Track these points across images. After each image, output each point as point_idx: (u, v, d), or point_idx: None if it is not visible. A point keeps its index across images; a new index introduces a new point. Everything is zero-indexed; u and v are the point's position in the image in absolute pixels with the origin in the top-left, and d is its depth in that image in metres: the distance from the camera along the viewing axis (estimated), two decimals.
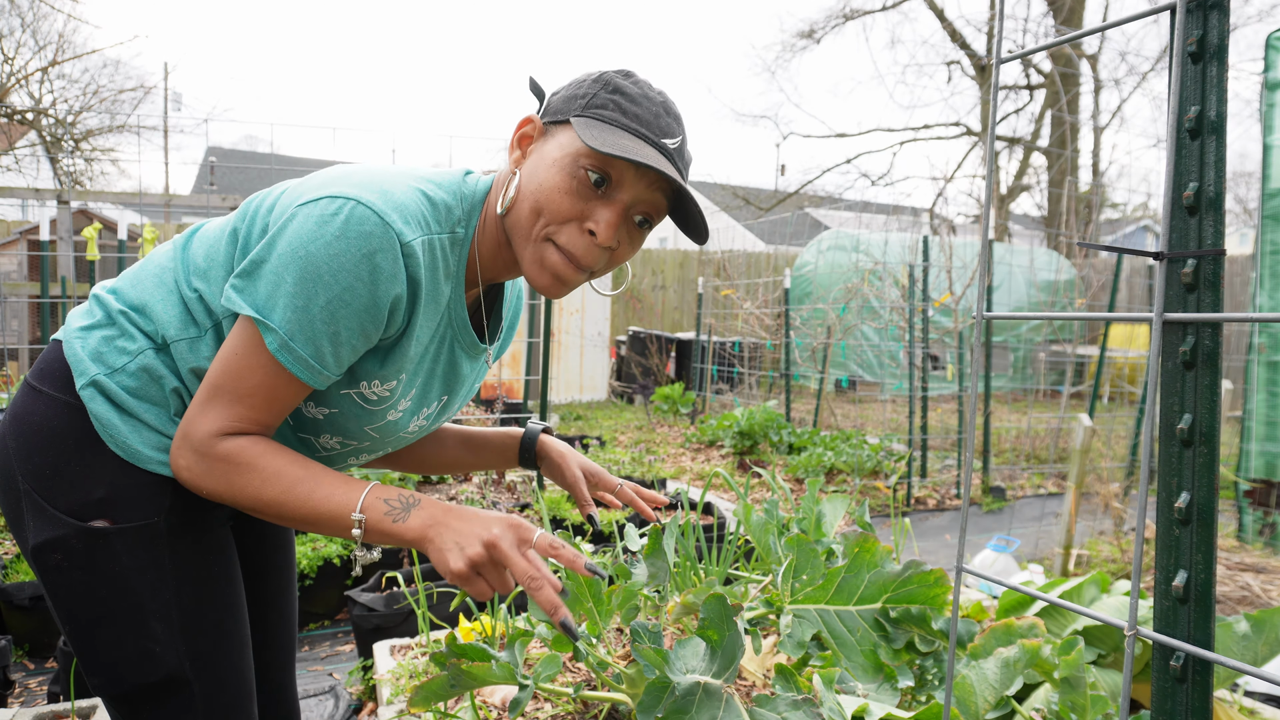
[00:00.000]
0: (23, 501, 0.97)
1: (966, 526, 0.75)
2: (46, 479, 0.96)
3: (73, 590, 0.96)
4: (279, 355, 0.89)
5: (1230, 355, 7.70)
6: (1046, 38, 14.86)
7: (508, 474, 4.48)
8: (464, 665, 1.27)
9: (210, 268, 0.99)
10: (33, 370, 1.01)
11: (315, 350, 0.90)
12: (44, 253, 4.85)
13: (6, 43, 11.91)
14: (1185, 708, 0.63)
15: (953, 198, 18.97)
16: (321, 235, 0.88)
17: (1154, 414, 0.62)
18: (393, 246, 0.90)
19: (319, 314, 0.89)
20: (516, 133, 1.02)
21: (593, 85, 0.98)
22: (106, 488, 0.96)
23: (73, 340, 0.98)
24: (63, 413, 0.96)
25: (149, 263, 1.04)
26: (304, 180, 0.98)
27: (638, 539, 1.87)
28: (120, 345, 0.97)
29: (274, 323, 0.88)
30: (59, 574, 0.96)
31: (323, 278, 0.88)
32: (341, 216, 0.88)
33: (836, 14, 16.83)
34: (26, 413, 0.98)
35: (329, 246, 0.88)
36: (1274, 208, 3.93)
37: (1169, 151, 0.62)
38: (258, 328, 0.89)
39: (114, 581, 0.96)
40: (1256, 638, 1.52)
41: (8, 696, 2.29)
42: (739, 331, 8.98)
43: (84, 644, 0.98)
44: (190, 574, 1.01)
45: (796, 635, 1.40)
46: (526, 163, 1.00)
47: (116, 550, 0.96)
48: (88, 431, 0.96)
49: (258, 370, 0.91)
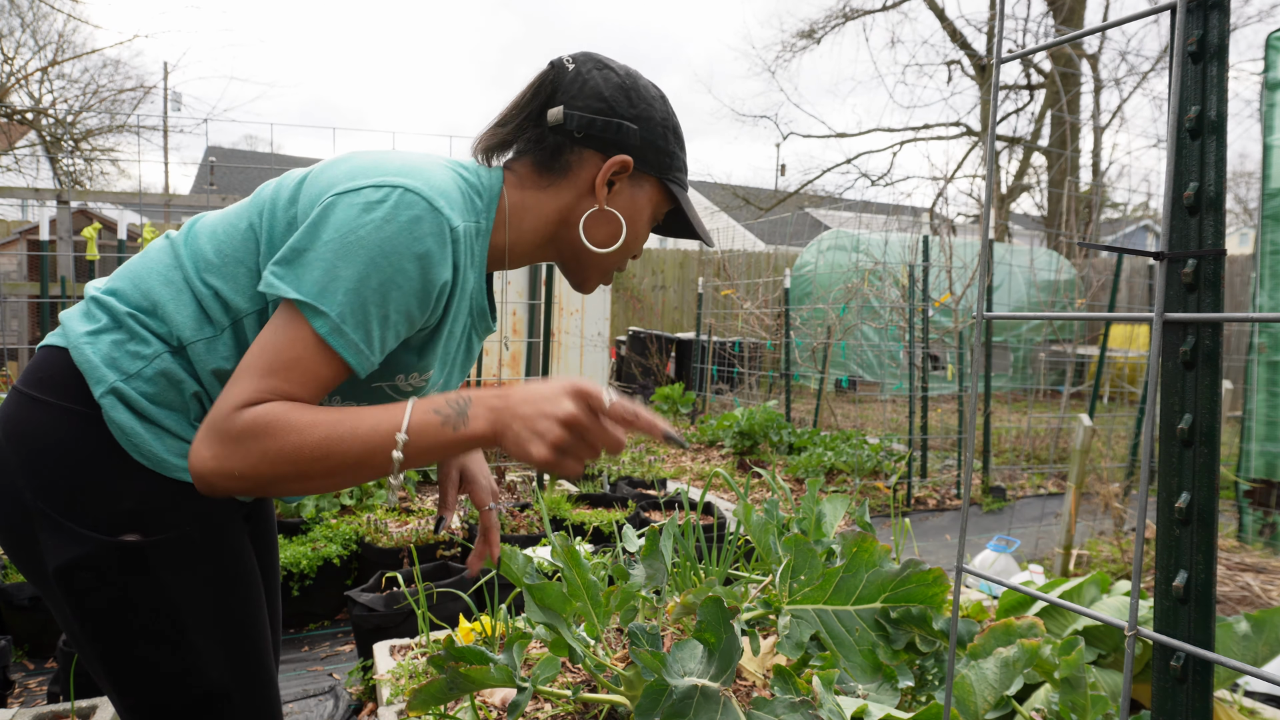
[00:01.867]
0: (34, 522, 0.90)
1: (966, 526, 0.75)
2: (64, 495, 0.89)
3: (106, 611, 0.91)
4: (330, 339, 0.86)
5: (1230, 355, 7.70)
6: (1046, 38, 14.86)
7: (508, 474, 4.48)
8: (462, 668, 1.27)
9: (225, 263, 0.95)
10: (27, 378, 0.94)
11: (365, 334, 0.88)
12: (44, 253, 4.84)
13: (6, 43, 11.91)
14: (1185, 708, 0.63)
15: (953, 198, 18.96)
16: (370, 220, 0.86)
17: (1154, 414, 0.62)
18: (442, 231, 0.90)
19: (371, 297, 0.87)
20: (609, 171, 1.04)
21: (669, 136, 1.08)
22: (134, 499, 0.91)
23: (82, 346, 0.91)
24: (76, 423, 0.90)
25: (145, 262, 0.99)
26: (326, 168, 0.96)
27: (635, 540, 1.87)
28: (133, 349, 0.92)
29: (325, 307, 0.85)
30: (89, 596, 0.90)
31: (375, 261, 0.86)
32: (390, 202, 0.87)
33: (836, 14, 16.83)
34: (31, 425, 0.91)
35: (379, 230, 0.86)
36: (1274, 208, 3.92)
37: (1169, 151, 0.62)
38: (303, 312, 0.86)
39: (152, 598, 0.92)
40: (1257, 638, 1.52)
41: (8, 696, 2.29)
42: (739, 331, 8.98)
43: (119, 666, 0.93)
44: (224, 581, 0.98)
45: (795, 636, 1.40)
46: (616, 202, 1.07)
47: (152, 565, 0.91)
48: (106, 441, 0.90)
49: (298, 350, 0.86)
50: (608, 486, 4.50)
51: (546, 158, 1.05)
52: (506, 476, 4.43)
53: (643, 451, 5.79)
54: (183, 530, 0.93)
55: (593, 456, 0.86)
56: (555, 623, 1.44)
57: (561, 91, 1.04)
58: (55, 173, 12.77)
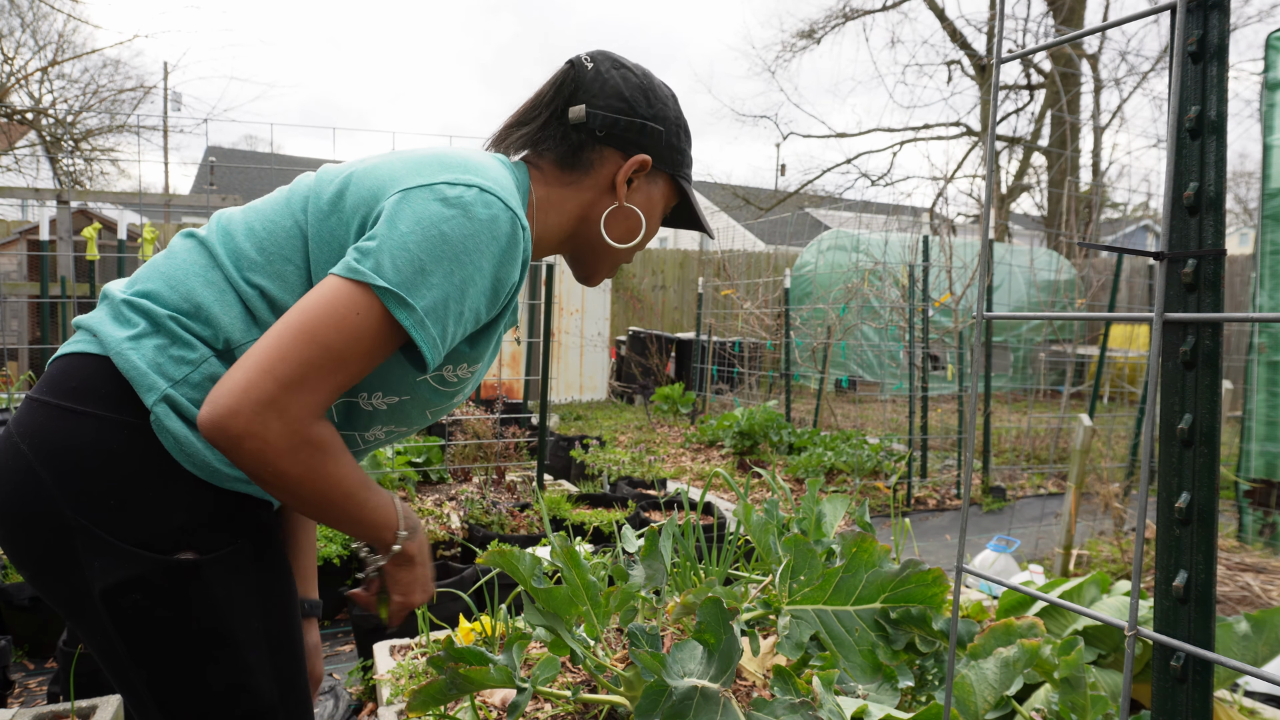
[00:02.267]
0: (76, 539, 0.85)
1: (966, 526, 0.75)
2: (109, 510, 0.85)
3: (158, 631, 0.87)
4: (414, 332, 0.85)
5: (1230, 355, 7.70)
6: (1046, 38, 14.86)
7: (507, 474, 4.48)
8: (461, 669, 1.27)
9: (270, 261, 0.92)
10: (54, 390, 0.89)
11: (443, 330, 0.88)
12: (44, 253, 4.85)
13: (6, 43, 11.91)
14: (1185, 708, 0.63)
15: (953, 198, 18.97)
16: (450, 216, 0.87)
17: (1154, 414, 0.62)
18: (516, 230, 0.91)
19: (453, 293, 0.87)
20: (630, 170, 1.08)
21: (682, 134, 1.13)
22: (185, 513, 0.87)
23: (126, 352, 0.86)
24: (121, 434, 0.86)
25: (175, 264, 0.94)
26: (373, 168, 0.95)
27: (635, 540, 1.87)
28: (177, 354, 0.88)
29: (413, 299, 0.84)
30: (139, 616, 0.86)
31: (459, 258, 0.86)
32: (467, 199, 0.88)
33: (836, 14, 16.83)
34: (68, 439, 0.85)
35: (461, 227, 0.86)
36: (1274, 208, 3.92)
37: (1169, 151, 0.62)
38: (384, 300, 0.84)
39: (207, 616, 0.88)
40: (1256, 638, 1.52)
41: (8, 696, 2.29)
42: (739, 331, 8.98)
43: (169, 687, 0.90)
44: (273, 593, 0.96)
45: (794, 636, 1.40)
46: (635, 198, 1.11)
47: (208, 582, 0.88)
48: (154, 452, 0.86)
49: (372, 342, 0.84)
50: (608, 486, 4.49)
51: (569, 155, 1.06)
52: (506, 476, 4.43)
53: (643, 451, 5.79)
54: (236, 543, 0.91)
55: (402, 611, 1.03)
56: (556, 625, 1.44)
57: (583, 90, 1.05)
58: (55, 173, 12.78)
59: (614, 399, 9.82)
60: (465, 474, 4.64)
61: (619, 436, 6.98)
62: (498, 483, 4.28)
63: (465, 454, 4.67)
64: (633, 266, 12.84)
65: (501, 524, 3.47)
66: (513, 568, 1.46)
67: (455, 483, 4.56)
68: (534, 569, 1.46)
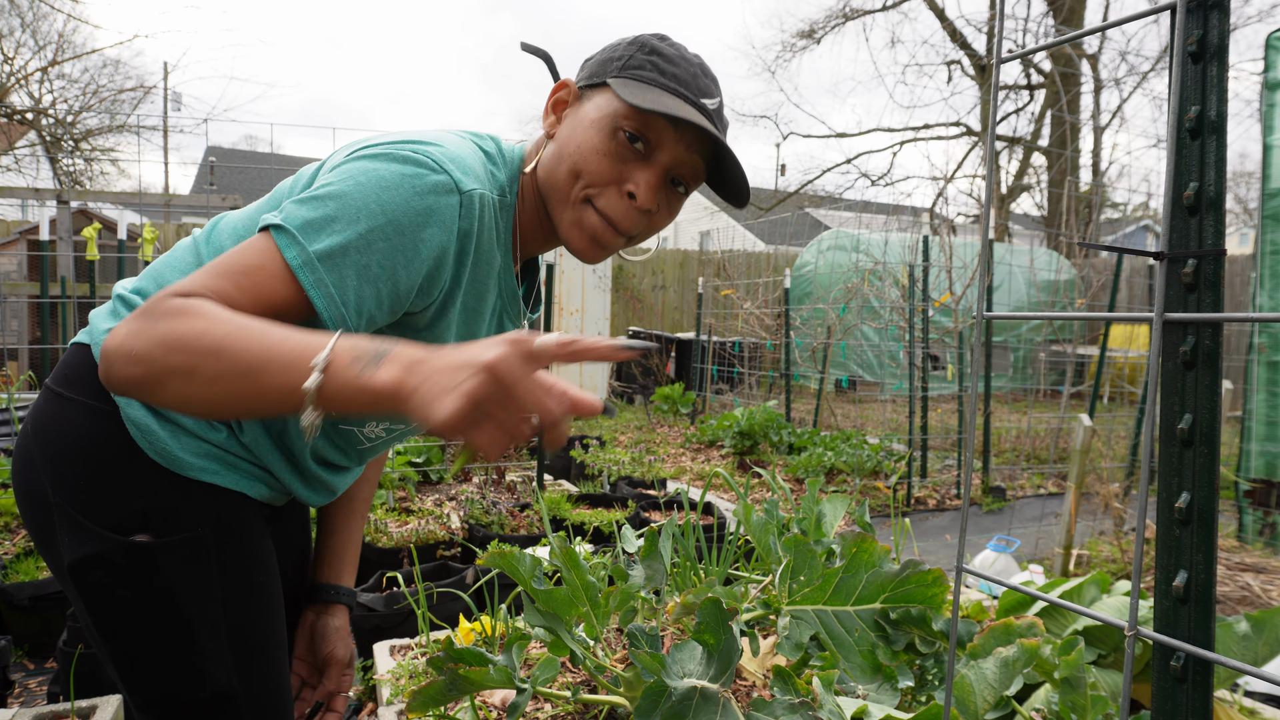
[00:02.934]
0: (55, 516, 0.91)
1: (966, 526, 0.75)
2: (81, 491, 0.90)
3: (115, 608, 0.91)
4: (300, 273, 0.79)
5: (1230, 355, 7.70)
6: (1046, 38, 14.86)
7: (507, 474, 4.48)
8: (461, 669, 1.27)
9: None
10: (55, 376, 0.95)
11: (339, 279, 0.81)
12: (44, 253, 4.85)
13: (6, 43, 11.92)
14: (1185, 708, 0.63)
15: (953, 198, 18.97)
16: (371, 169, 0.83)
17: (1154, 414, 0.62)
18: (449, 190, 0.85)
19: (355, 242, 0.81)
20: (552, 98, 0.99)
21: (628, 47, 0.97)
22: (147, 498, 0.90)
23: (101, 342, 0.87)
24: (95, 420, 0.90)
25: (169, 262, 0.98)
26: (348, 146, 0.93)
27: (635, 540, 1.87)
28: None
29: (304, 239, 0.80)
30: (100, 592, 0.90)
31: (368, 207, 0.81)
32: (398, 156, 0.84)
33: (836, 14, 16.83)
34: (54, 421, 0.91)
35: (378, 178, 0.82)
36: (1274, 208, 3.92)
37: (1169, 151, 0.62)
38: (277, 239, 0.80)
39: (160, 598, 0.91)
40: (1256, 638, 1.52)
41: (8, 696, 2.29)
42: (739, 331, 8.98)
43: (127, 662, 0.94)
44: (237, 586, 0.96)
45: (794, 637, 1.39)
46: (562, 127, 0.97)
47: (161, 565, 0.90)
48: (123, 439, 0.90)
49: (261, 263, 0.79)
50: (608, 486, 4.49)
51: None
52: (506, 476, 4.43)
53: (643, 451, 5.79)
54: (194, 532, 0.92)
55: (516, 427, 0.67)
56: (555, 626, 1.44)
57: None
58: (55, 173, 12.78)
59: (614, 399, 9.82)
60: (465, 474, 4.64)
61: (619, 436, 6.98)
62: (498, 483, 4.28)
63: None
64: (633, 266, 12.84)
65: (501, 524, 3.47)
66: (512, 569, 1.46)
67: (455, 483, 4.56)
68: (534, 570, 1.46)
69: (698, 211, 27.98)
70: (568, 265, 9.39)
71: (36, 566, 2.86)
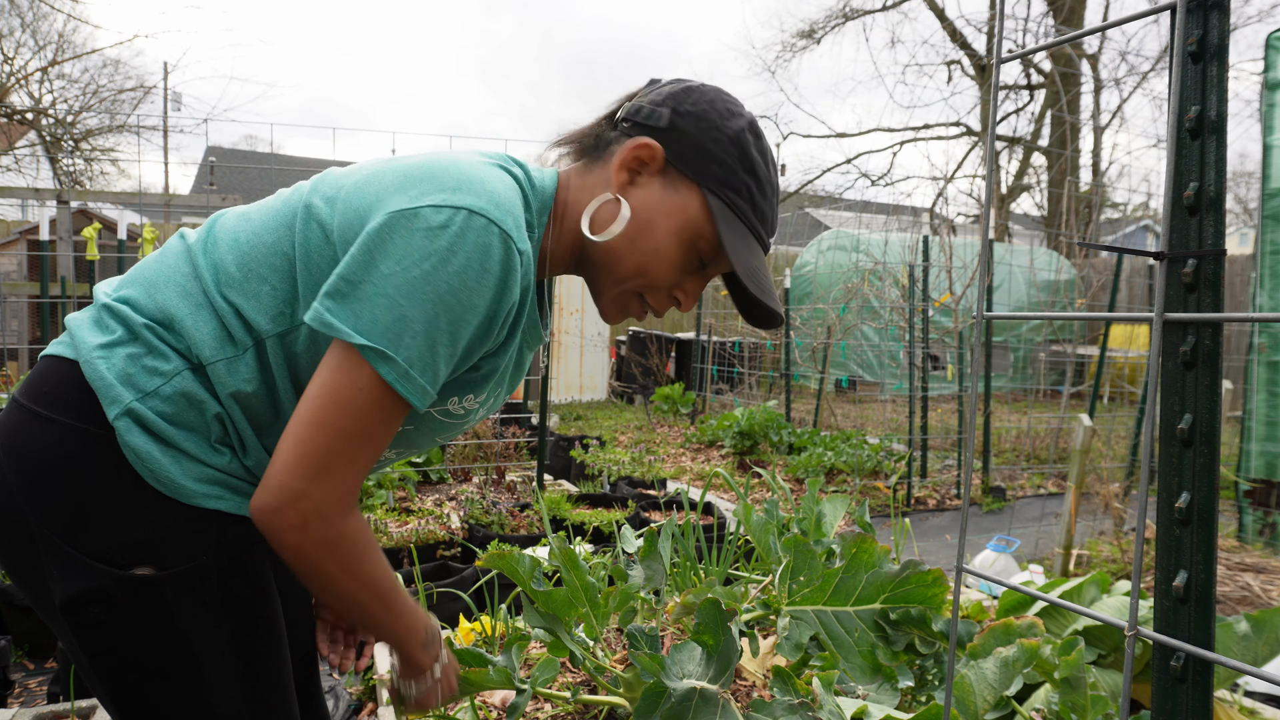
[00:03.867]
0: (39, 546, 0.83)
1: (966, 526, 0.75)
2: (70, 521, 0.82)
3: (116, 647, 0.85)
4: (398, 385, 0.80)
5: (1230, 355, 7.70)
6: (1046, 38, 14.86)
7: (507, 474, 4.48)
8: (461, 670, 1.27)
9: (247, 278, 0.88)
10: (29, 392, 0.86)
11: (433, 376, 0.83)
12: (44, 253, 4.84)
13: (6, 43, 11.92)
14: (1185, 708, 0.63)
15: (953, 198, 18.94)
16: (435, 251, 0.79)
17: (1154, 414, 0.62)
18: (511, 254, 0.83)
19: (441, 338, 0.81)
20: (631, 154, 0.93)
21: (731, 150, 0.93)
22: (147, 527, 0.84)
23: (95, 361, 0.83)
24: (84, 444, 0.83)
25: (160, 268, 0.91)
26: (367, 180, 0.88)
27: (634, 541, 1.87)
28: (150, 365, 0.84)
29: (393, 352, 0.79)
30: (97, 630, 0.84)
31: (444, 300, 0.79)
32: (454, 229, 0.80)
33: (836, 14, 16.83)
34: (34, 444, 0.83)
35: (445, 264, 0.79)
36: (1274, 208, 3.92)
37: (1169, 151, 0.62)
38: (365, 357, 0.79)
39: (165, 633, 0.85)
40: (1256, 638, 1.52)
41: (8, 696, 2.29)
42: (739, 331, 8.98)
43: (131, 705, 0.87)
44: (242, 614, 0.91)
45: (794, 637, 1.39)
46: (636, 195, 0.93)
47: (166, 599, 0.85)
48: (118, 464, 0.83)
49: (376, 409, 0.81)
50: (608, 486, 4.49)
51: (593, 142, 0.97)
52: (506, 476, 4.43)
53: (643, 451, 5.79)
54: (199, 560, 0.87)
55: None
56: (555, 627, 1.44)
57: (642, 92, 0.98)
58: (55, 173, 12.78)
59: (614, 399, 9.82)
60: (465, 474, 4.64)
61: (619, 436, 6.98)
62: (498, 483, 4.28)
63: (465, 454, 4.67)
64: None
65: (501, 524, 3.47)
66: (512, 570, 1.46)
67: (455, 483, 4.56)
68: (533, 571, 1.46)
69: None
70: None
71: None
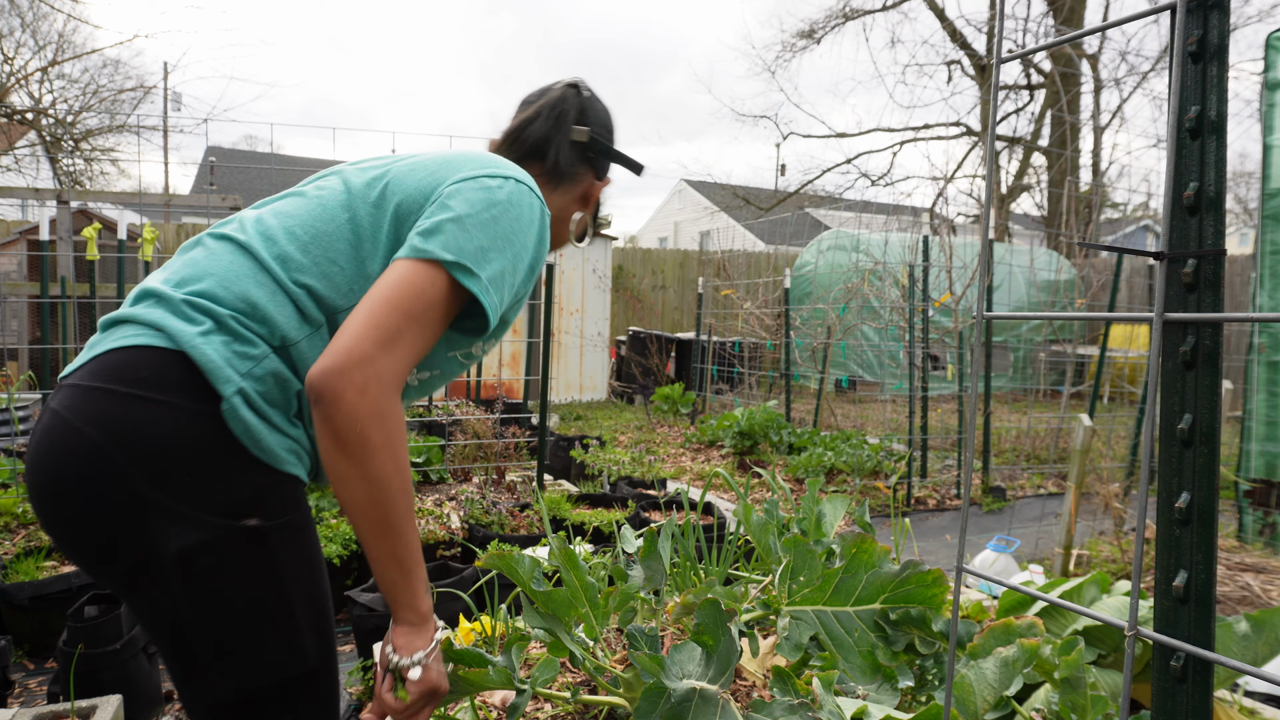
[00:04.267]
0: (149, 512, 0.92)
1: (966, 526, 0.75)
2: (186, 486, 0.93)
3: (224, 591, 0.95)
4: (483, 297, 0.98)
5: (1230, 355, 7.70)
6: (1046, 38, 14.85)
7: (507, 474, 4.48)
8: (460, 670, 1.27)
9: (317, 263, 1.03)
10: (123, 378, 0.95)
11: (501, 298, 1.02)
12: (44, 253, 4.84)
13: (6, 43, 11.92)
14: (1185, 708, 0.63)
15: (953, 198, 18.94)
16: (499, 201, 1.02)
17: (1154, 414, 0.62)
18: (545, 215, 1.09)
19: (508, 268, 1.02)
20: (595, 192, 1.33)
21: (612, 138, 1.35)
22: (250, 488, 0.96)
23: (202, 346, 0.95)
24: (194, 419, 0.94)
25: (224, 265, 1.02)
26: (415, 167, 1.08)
27: (634, 541, 1.87)
28: (241, 350, 0.97)
29: (477, 269, 0.98)
30: (210, 576, 0.94)
31: (510, 238, 1.02)
32: (509, 189, 1.04)
33: (836, 14, 16.81)
34: (145, 424, 0.93)
35: (508, 211, 1.02)
36: (1274, 208, 3.92)
37: (1169, 151, 0.62)
38: (452, 272, 0.97)
39: (268, 577, 0.97)
40: (1256, 638, 1.52)
41: (8, 696, 2.29)
42: (739, 331, 8.98)
43: (228, 646, 0.97)
44: (316, 564, 1.04)
45: (794, 638, 1.39)
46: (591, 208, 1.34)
47: (270, 546, 0.97)
48: (221, 434, 0.95)
49: (442, 303, 0.97)
50: (608, 486, 4.49)
51: (562, 165, 1.26)
52: (506, 476, 4.43)
53: (643, 451, 5.79)
54: (290, 516, 1.00)
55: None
56: (555, 627, 1.44)
57: (585, 114, 1.26)
58: (55, 173, 12.77)
59: (614, 399, 9.82)
60: (465, 474, 4.64)
61: (619, 436, 6.98)
62: (498, 483, 4.28)
63: (465, 454, 4.67)
64: (633, 266, 12.84)
65: (501, 524, 3.47)
66: (512, 570, 1.46)
67: (455, 483, 4.56)
68: (533, 571, 1.46)
69: (698, 211, 27.97)
70: (568, 265, 9.39)
71: (36, 567, 2.86)
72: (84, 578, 2.73)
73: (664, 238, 30.79)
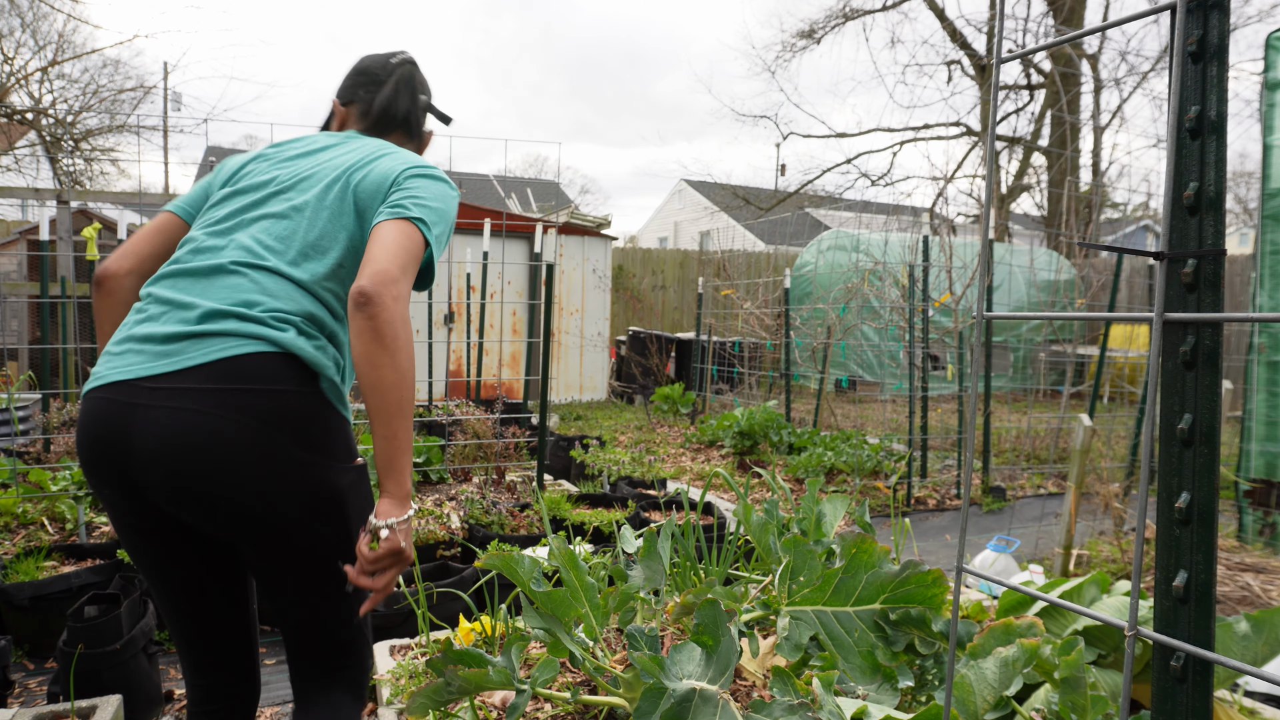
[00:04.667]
0: (307, 471, 1.24)
1: (966, 526, 0.75)
2: (326, 446, 1.27)
3: (360, 510, 1.29)
4: (435, 248, 1.33)
5: (1230, 355, 7.70)
6: (1046, 38, 14.85)
7: (507, 474, 4.48)
8: (460, 671, 1.27)
9: (337, 270, 1.35)
10: (259, 378, 1.24)
11: (440, 252, 1.37)
12: (44, 253, 4.84)
13: (6, 43, 11.91)
14: (1185, 708, 0.63)
15: (953, 198, 18.93)
16: (440, 184, 1.40)
17: (1154, 414, 0.62)
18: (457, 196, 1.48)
19: (445, 231, 1.38)
20: (429, 142, 1.73)
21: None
22: (350, 437, 1.33)
23: (306, 348, 1.27)
24: (312, 398, 1.28)
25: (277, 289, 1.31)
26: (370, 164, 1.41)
27: (634, 541, 1.87)
28: (318, 345, 1.30)
29: (433, 227, 1.33)
30: (353, 500, 1.29)
31: (445, 211, 1.39)
32: (440, 175, 1.42)
33: (836, 14, 16.81)
34: (288, 409, 1.24)
35: (445, 192, 1.40)
36: (1274, 208, 3.92)
37: (1169, 151, 0.62)
38: (421, 229, 1.30)
39: (370, 501, 1.33)
40: (1256, 638, 1.52)
41: (8, 696, 2.29)
42: (739, 331, 8.98)
43: (350, 557, 1.26)
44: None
45: (794, 638, 1.39)
46: None
47: (366, 474, 1.34)
48: (326, 403, 1.29)
49: (420, 250, 1.31)
50: (608, 486, 4.49)
51: (415, 128, 1.63)
52: (506, 476, 4.43)
53: (643, 451, 5.79)
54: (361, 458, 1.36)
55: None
56: (554, 627, 1.44)
57: (420, 85, 1.64)
58: (55, 173, 12.76)
59: (614, 399, 9.82)
60: (465, 474, 4.64)
61: (619, 436, 6.98)
62: (498, 483, 4.28)
63: (465, 454, 4.67)
64: (633, 266, 12.84)
65: (501, 524, 3.47)
66: (512, 570, 1.46)
67: (455, 483, 4.56)
68: (533, 571, 1.46)
69: (698, 211, 27.98)
70: (568, 265, 9.39)
71: (36, 567, 2.86)
72: (84, 578, 2.73)
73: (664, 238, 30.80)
